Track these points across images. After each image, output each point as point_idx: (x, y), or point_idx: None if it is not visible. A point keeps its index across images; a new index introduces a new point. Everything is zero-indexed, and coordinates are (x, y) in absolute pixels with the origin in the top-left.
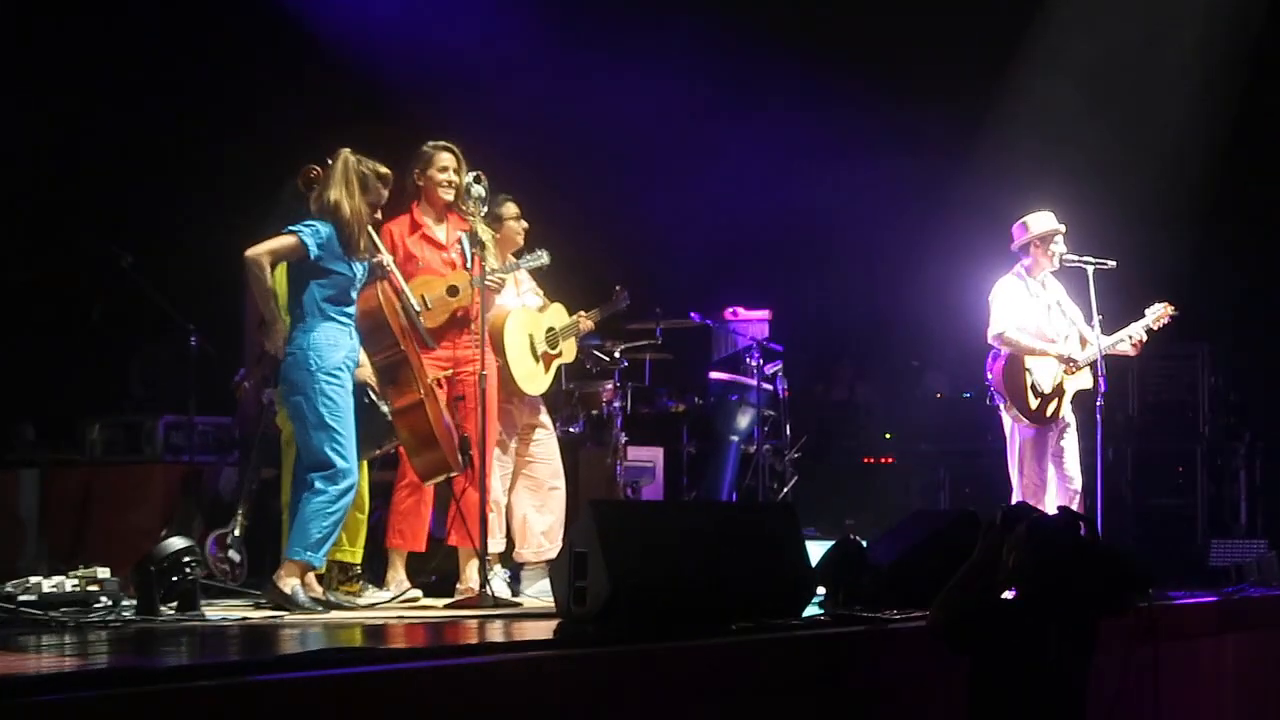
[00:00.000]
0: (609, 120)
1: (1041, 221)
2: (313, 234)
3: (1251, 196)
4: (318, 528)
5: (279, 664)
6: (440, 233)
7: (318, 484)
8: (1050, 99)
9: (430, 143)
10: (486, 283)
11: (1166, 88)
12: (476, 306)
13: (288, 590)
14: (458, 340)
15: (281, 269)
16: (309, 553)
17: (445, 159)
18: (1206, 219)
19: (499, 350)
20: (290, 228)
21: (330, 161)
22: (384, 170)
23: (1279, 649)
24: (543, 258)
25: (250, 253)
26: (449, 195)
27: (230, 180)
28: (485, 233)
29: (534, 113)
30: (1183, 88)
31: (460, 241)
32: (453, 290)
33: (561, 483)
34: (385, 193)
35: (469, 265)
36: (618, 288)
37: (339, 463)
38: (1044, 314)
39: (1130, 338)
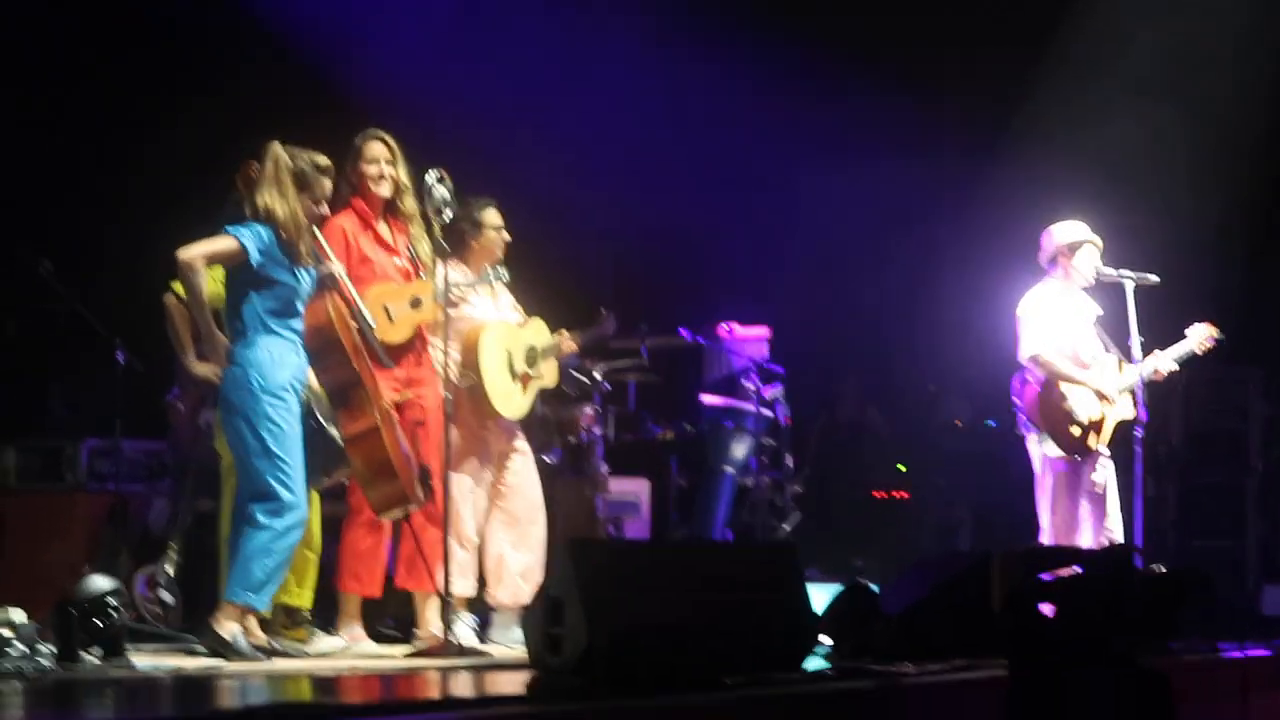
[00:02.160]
0: (594, 120)
1: (1069, 230)
2: (254, 237)
3: None
4: (260, 567)
5: None
6: (386, 233)
7: (260, 518)
8: (1086, 97)
9: (362, 132)
10: (450, 296)
11: (1217, 88)
12: (433, 324)
13: (227, 636)
14: (412, 359)
15: (219, 277)
16: (250, 594)
17: (375, 149)
18: (1260, 232)
19: (473, 366)
20: (229, 229)
21: (258, 160)
22: (323, 160)
23: None
24: (503, 275)
25: (183, 254)
26: (383, 190)
27: (159, 178)
28: (424, 243)
29: (513, 111)
30: (1236, 89)
31: (409, 247)
32: (416, 302)
33: (542, 517)
34: (329, 184)
35: (421, 274)
36: (603, 310)
37: (284, 495)
38: (1078, 334)
39: (1158, 370)
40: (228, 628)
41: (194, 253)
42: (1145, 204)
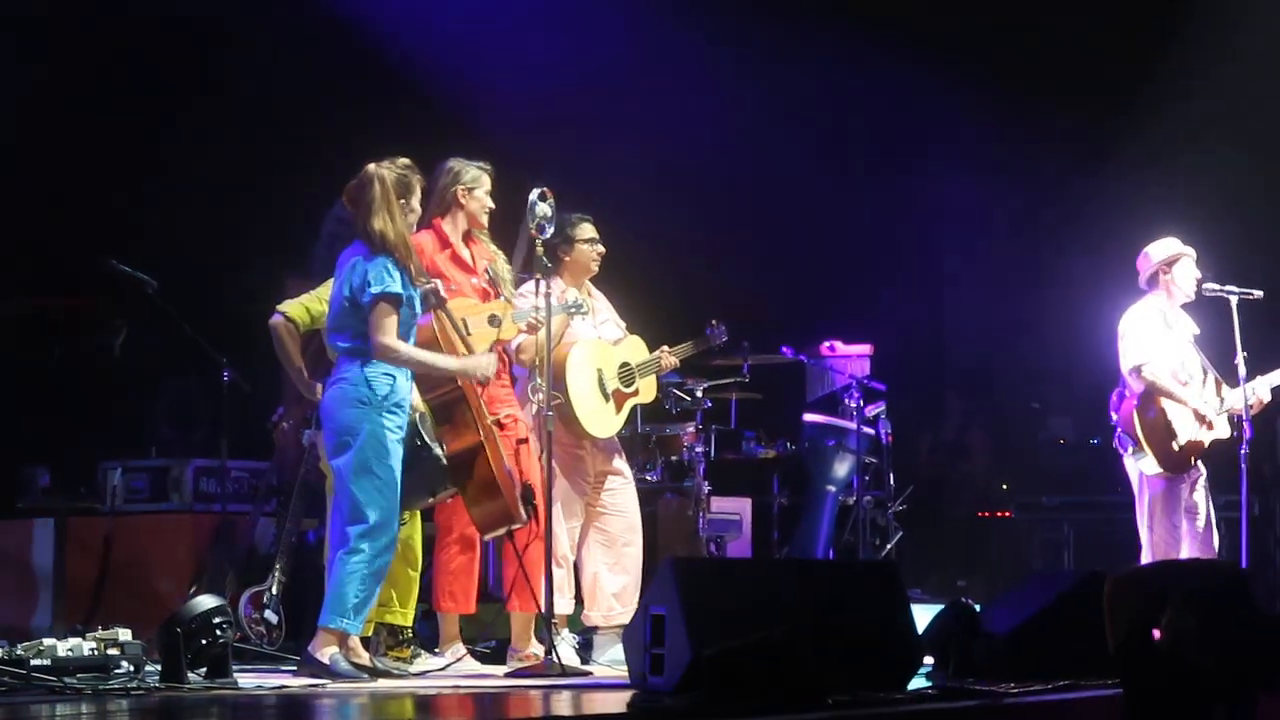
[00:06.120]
0: (700, 137)
1: (1165, 247)
2: (394, 277)
3: None
4: (354, 591)
5: None
6: (466, 255)
7: (353, 541)
8: (1188, 113)
9: (476, 163)
10: (528, 321)
11: None
12: (510, 343)
13: (325, 660)
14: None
15: (323, 295)
16: (344, 619)
17: (488, 183)
18: None
19: (560, 385)
20: (373, 292)
21: (362, 184)
22: (407, 160)
23: None
24: (582, 306)
25: (387, 349)
26: (485, 221)
27: (262, 197)
28: (505, 269)
29: (611, 128)
30: None
31: (487, 270)
32: (493, 320)
33: (638, 538)
34: (418, 180)
35: (503, 295)
36: (713, 321)
37: (377, 517)
38: (1179, 351)
39: (1258, 396)
40: (325, 653)
41: (394, 344)
42: (1246, 217)
